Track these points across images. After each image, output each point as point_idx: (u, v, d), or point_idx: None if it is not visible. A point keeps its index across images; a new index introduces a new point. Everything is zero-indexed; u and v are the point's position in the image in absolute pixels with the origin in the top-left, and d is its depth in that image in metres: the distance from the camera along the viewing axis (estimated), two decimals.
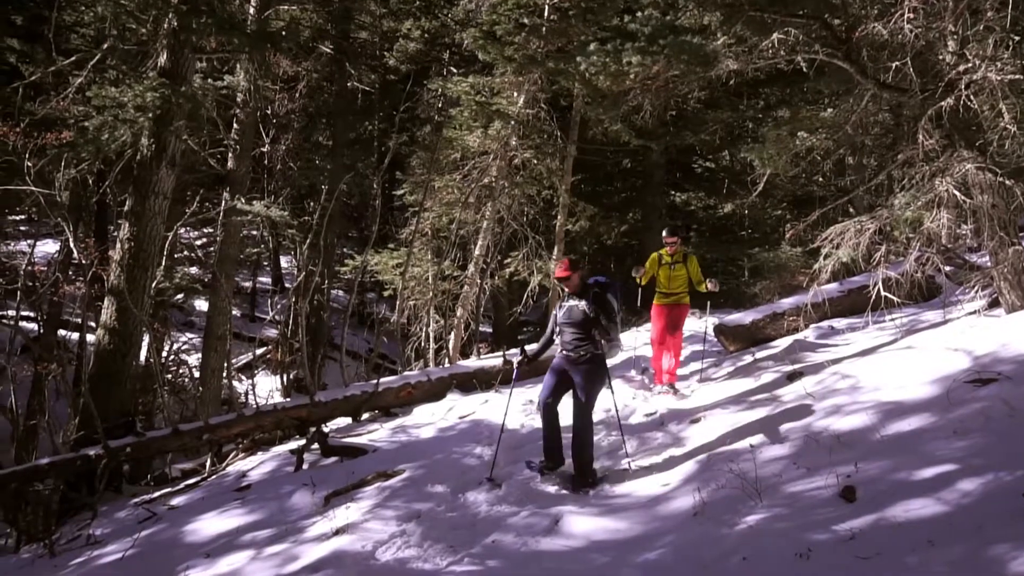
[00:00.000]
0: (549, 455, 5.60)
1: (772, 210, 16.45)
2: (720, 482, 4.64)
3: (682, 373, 8.11)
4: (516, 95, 11.80)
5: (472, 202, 12.03)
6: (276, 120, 16.03)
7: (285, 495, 6.21)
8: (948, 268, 7.60)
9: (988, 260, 6.44)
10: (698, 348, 8.74)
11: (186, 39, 8.53)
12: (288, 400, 9.58)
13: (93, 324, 10.06)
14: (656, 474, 5.29)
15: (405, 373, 9.96)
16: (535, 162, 12.03)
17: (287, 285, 20.35)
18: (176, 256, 13.57)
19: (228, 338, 11.12)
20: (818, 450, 4.69)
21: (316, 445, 7.28)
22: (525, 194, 12.24)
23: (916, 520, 3.47)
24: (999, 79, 5.33)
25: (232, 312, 13.27)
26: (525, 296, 12.71)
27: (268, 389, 12.85)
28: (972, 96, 5.49)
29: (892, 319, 7.40)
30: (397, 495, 5.64)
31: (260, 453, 8.02)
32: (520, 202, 12.28)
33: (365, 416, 8.75)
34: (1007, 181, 5.67)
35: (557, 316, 5.70)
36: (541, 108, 11.98)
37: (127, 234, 8.54)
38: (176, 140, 8.75)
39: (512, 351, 9.43)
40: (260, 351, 15.07)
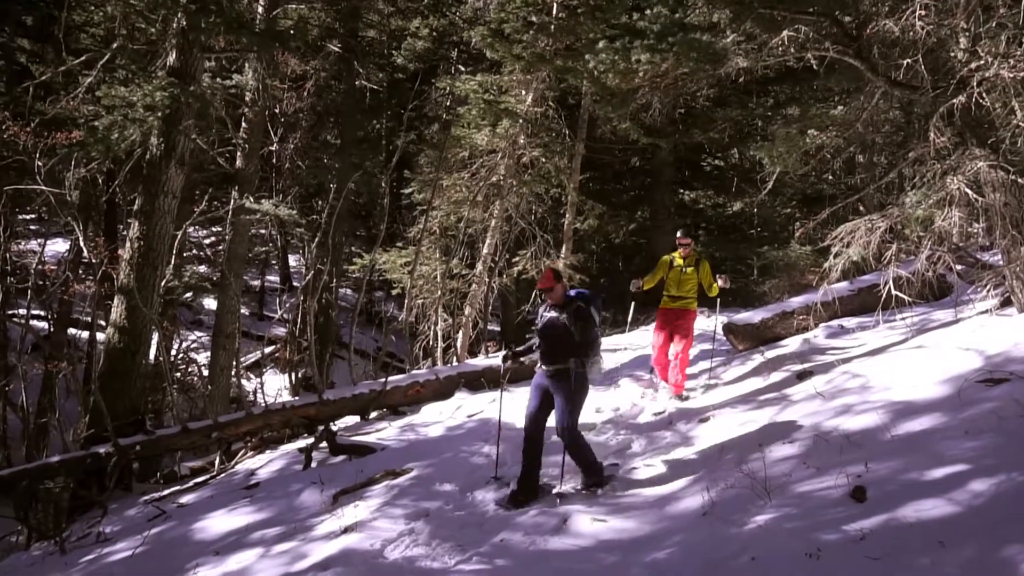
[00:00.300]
0: (523, 486, 5.21)
1: (782, 208, 16.36)
2: (729, 481, 4.62)
3: (691, 372, 8.07)
4: (524, 93, 11.79)
5: (480, 200, 12.04)
6: (284, 119, 16.03)
7: (294, 493, 6.23)
8: (959, 267, 7.51)
9: (1000, 259, 6.39)
10: (707, 347, 8.71)
11: (195, 38, 8.56)
12: (296, 398, 9.60)
13: (103, 322, 10.11)
14: (665, 473, 5.28)
15: (413, 372, 9.98)
16: (543, 160, 12.03)
17: (295, 284, 20.36)
18: (185, 255, 13.67)
19: (237, 336, 11.17)
20: (828, 450, 4.66)
21: (324, 443, 7.29)
22: (533, 192, 12.24)
23: (927, 520, 3.44)
24: (1011, 76, 5.27)
25: (241, 310, 13.33)
26: (533, 295, 12.71)
27: (276, 387, 12.92)
28: (984, 93, 5.44)
29: (903, 318, 7.35)
30: (405, 493, 5.65)
31: (269, 451, 8.07)
32: (528, 200, 12.29)
33: (373, 414, 8.77)
34: (1019, 179, 5.62)
35: (536, 325, 5.56)
36: (549, 106, 11.98)
37: (137, 233, 8.59)
38: (185, 139, 8.80)
39: (499, 352, 9.40)
40: (269, 349, 15.13)
